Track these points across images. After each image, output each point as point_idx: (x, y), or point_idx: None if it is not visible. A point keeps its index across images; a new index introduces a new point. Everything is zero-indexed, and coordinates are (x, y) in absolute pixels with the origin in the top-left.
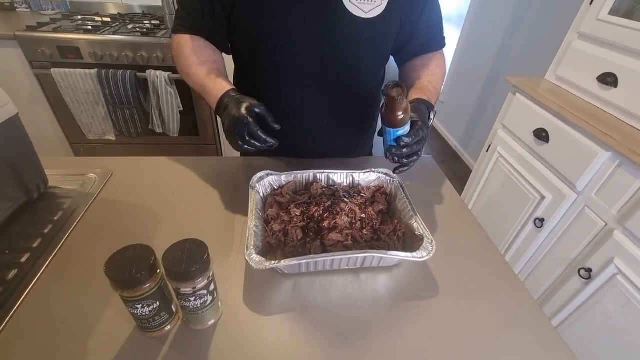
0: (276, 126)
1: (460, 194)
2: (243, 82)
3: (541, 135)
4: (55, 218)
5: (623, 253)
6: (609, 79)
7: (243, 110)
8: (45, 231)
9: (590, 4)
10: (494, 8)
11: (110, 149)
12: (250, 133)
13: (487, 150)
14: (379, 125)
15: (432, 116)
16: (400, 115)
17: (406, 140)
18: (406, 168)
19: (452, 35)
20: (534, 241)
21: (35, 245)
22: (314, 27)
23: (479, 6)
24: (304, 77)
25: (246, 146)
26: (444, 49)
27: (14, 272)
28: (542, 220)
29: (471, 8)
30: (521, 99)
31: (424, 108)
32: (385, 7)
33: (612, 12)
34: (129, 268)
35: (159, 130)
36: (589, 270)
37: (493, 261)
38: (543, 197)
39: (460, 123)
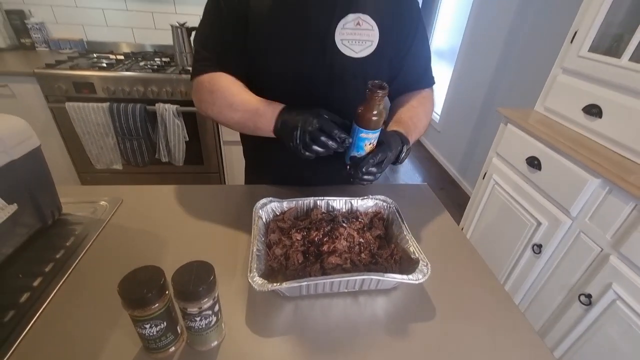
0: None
1: (459, 220)
2: None
3: (533, 163)
4: (67, 243)
5: (620, 278)
6: (593, 110)
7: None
8: (58, 256)
9: (571, 42)
10: (484, 43)
11: (117, 178)
12: (327, 130)
13: (484, 178)
14: None
15: (404, 149)
16: (375, 116)
17: (370, 160)
18: (364, 183)
19: (446, 68)
20: (534, 268)
21: (47, 269)
22: (311, 65)
23: (470, 42)
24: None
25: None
26: (435, 86)
27: (26, 295)
28: (539, 246)
29: (463, 43)
30: (513, 129)
31: (397, 137)
32: (375, 48)
33: (592, 49)
34: (141, 287)
35: (165, 159)
36: (589, 296)
37: (489, 286)
38: (539, 223)
39: (457, 151)
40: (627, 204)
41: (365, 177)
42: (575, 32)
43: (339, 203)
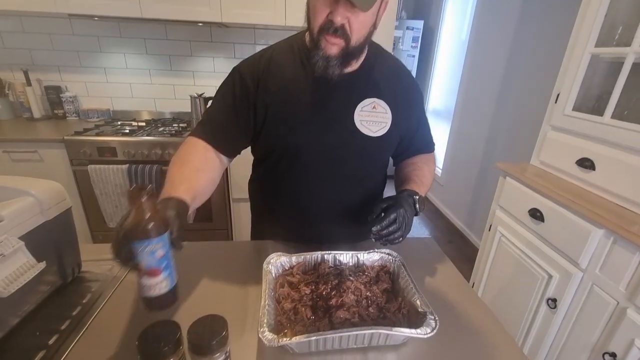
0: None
1: (469, 274)
2: (262, 175)
3: (536, 215)
4: (84, 301)
5: None
6: (586, 163)
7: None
8: (74, 313)
9: (555, 102)
10: (477, 102)
11: None
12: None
13: (489, 230)
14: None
15: (417, 204)
16: (149, 223)
17: (383, 223)
18: (394, 243)
19: (444, 125)
20: (552, 324)
21: (63, 327)
22: (330, 141)
23: (464, 101)
24: (317, 178)
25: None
26: (435, 145)
27: (41, 353)
28: (554, 300)
29: (458, 103)
30: (512, 182)
31: (404, 194)
32: (389, 127)
33: (576, 108)
34: (158, 342)
35: None
36: (614, 355)
37: (501, 339)
38: (550, 276)
39: (462, 204)
40: (635, 254)
41: (389, 238)
42: (558, 94)
43: (346, 257)
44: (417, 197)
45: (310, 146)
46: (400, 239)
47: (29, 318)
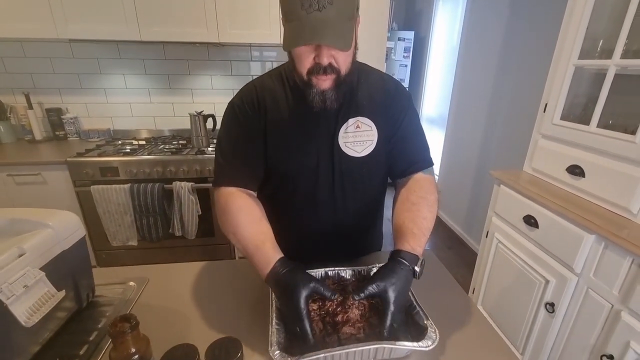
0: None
1: (470, 280)
2: (263, 197)
3: (530, 221)
4: (99, 326)
5: (636, 335)
6: (576, 170)
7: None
8: (91, 338)
9: (544, 111)
10: (469, 110)
11: (131, 254)
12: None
13: (486, 237)
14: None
15: (417, 269)
16: (134, 355)
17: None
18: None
19: (438, 131)
20: (551, 328)
21: (82, 352)
22: (321, 165)
23: (457, 109)
24: (311, 202)
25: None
26: (433, 152)
27: None
28: (552, 304)
29: (451, 110)
30: (506, 189)
31: (400, 273)
32: (376, 145)
33: (563, 117)
34: None
35: (178, 233)
36: (611, 357)
37: (499, 350)
38: (547, 281)
39: (461, 210)
40: (625, 258)
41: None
42: (547, 104)
43: (348, 273)
44: (417, 267)
45: (301, 174)
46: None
47: (47, 345)
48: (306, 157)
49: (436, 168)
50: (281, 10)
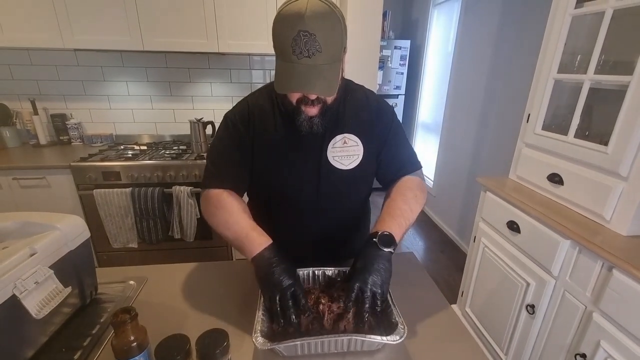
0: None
1: (459, 284)
2: (254, 207)
3: (513, 226)
4: (102, 320)
5: (605, 335)
6: (556, 178)
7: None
8: (93, 332)
9: (527, 121)
10: (462, 117)
11: (131, 255)
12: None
13: (474, 241)
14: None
15: (382, 247)
16: (133, 342)
17: (348, 304)
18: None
19: (433, 137)
20: (532, 329)
21: (85, 343)
22: (310, 177)
23: (450, 116)
24: (299, 213)
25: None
26: (423, 156)
27: None
28: (532, 306)
29: (445, 117)
30: (491, 196)
31: (372, 254)
32: (362, 159)
33: (545, 127)
34: (172, 352)
35: (177, 236)
36: (584, 356)
37: (468, 346)
38: (528, 284)
39: (453, 214)
40: (596, 262)
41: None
42: (529, 114)
43: (333, 272)
44: (380, 238)
45: (290, 187)
46: (377, 308)
47: (54, 337)
48: (293, 169)
49: (431, 173)
50: (274, 47)
